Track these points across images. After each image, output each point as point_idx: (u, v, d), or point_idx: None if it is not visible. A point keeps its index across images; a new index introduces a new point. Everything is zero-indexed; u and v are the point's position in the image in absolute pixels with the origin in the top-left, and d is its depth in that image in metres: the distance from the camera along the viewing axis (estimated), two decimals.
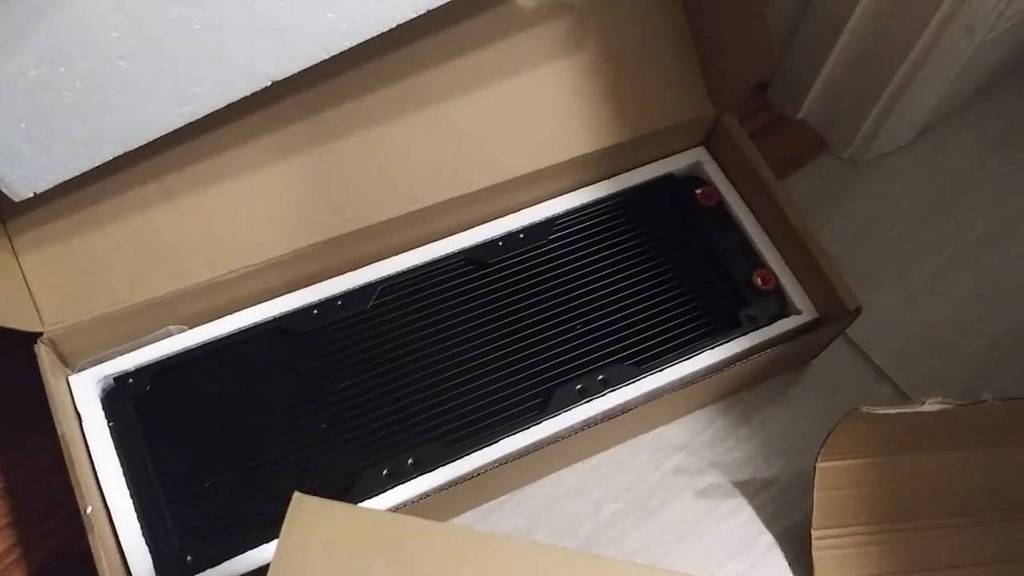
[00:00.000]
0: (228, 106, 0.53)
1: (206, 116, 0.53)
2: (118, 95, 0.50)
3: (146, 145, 0.53)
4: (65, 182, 0.53)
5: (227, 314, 0.59)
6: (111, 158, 0.53)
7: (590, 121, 0.64)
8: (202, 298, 0.58)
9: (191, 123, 0.53)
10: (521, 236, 0.64)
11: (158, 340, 0.58)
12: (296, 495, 0.41)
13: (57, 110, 0.49)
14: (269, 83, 0.54)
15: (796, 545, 0.60)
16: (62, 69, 0.48)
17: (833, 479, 0.57)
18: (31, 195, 0.52)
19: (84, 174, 0.53)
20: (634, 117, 0.65)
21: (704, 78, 0.66)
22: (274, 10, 0.51)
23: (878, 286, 0.70)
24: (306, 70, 0.54)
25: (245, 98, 0.54)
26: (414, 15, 0.54)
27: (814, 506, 0.58)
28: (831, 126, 0.77)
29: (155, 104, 0.52)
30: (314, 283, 0.61)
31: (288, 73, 0.54)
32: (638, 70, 0.65)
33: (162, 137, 0.53)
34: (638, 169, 0.68)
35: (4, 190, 0.51)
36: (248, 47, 0.52)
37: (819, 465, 0.57)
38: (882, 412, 0.53)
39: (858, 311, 0.60)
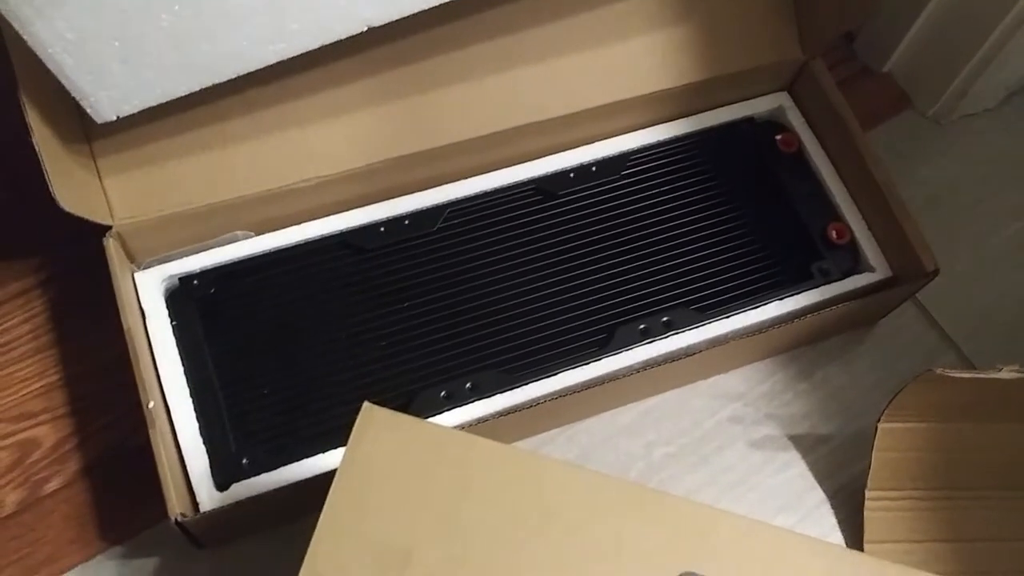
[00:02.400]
0: None
1: None
2: (215, 23, 0.49)
3: None
4: None
5: (295, 224, 0.59)
6: (198, 89, 0.52)
7: (674, 56, 0.62)
8: (271, 206, 0.57)
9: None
10: (594, 169, 0.63)
11: (225, 244, 0.58)
12: (366, 405, 0.41)
13: (153, 31, 0.48)
14: (365, 28, 0.52)
15: (847, 504, 0.59)
16: None
17: (894, 440, 0.56)
18: (114, 118, 0.51)
19: None
20: (719, 55, 0.63)
21: (796, 21, 0.64)
22: None
23: (952, 251, 0.68)
24: None
25: None
26: None
27: (871, 466, 0.57)
28: (918, 82, 0.74)
29: (250, 37, 0.50)
30: (383, 200, 0.60)
31: (386, 20, 0.52)
32: (728, 8, 0.63)
33: None
34: (718, 109, 0.66)
35: (88, 110, 0.50)
36: None
37: (881, 425, 0.56)
38: (956, 375, 0.51)
39: (935, 272, 0.58)
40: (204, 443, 0.52)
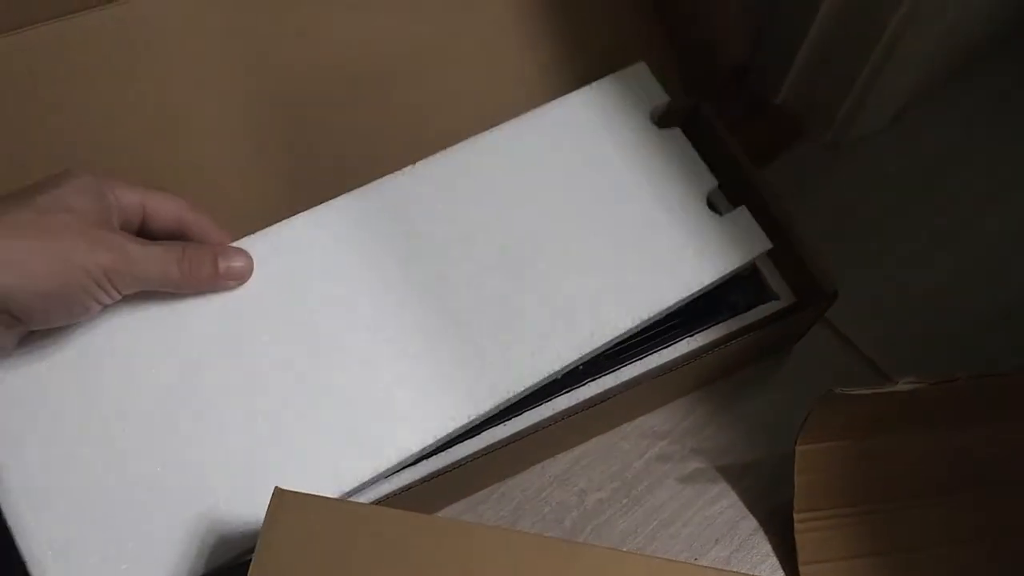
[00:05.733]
0: None
1: None
2: None
3: None
4: None
5: None
6: None
7: None
8: None
9: None
10: None
11: None
12: (277, 488, 0.42)
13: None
14: None
15: (779, 529, 0.61)
16: None
17: (812, 462, 0.58)
18: None
19: None
20: None
21: (678, 67, 0.67)
22: None
23: (859, 269, 0.71)
24: None
25: None
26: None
27: (795, 490, 0.58)
28: (810, 111, 0.77)
29: None
30: None
31: None
32: (611, 58, 0.65)
33: None
34: None
35: None
36: None
37: (798, 448, 0.57)
38: (856, 393, 0.53)
39: (835, 295, 0.60)
40: None
